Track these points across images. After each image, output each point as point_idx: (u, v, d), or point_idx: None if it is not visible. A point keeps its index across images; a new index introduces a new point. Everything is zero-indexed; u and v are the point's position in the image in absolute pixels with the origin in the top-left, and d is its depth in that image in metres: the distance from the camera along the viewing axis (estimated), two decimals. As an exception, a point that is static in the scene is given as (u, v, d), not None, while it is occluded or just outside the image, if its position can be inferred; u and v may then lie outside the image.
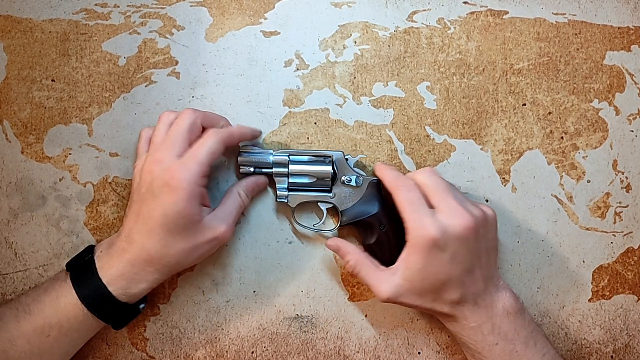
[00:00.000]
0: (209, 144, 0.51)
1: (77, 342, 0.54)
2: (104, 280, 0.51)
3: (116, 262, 0.52)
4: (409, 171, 0.61)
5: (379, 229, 0.57)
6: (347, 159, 0.58)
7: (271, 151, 0.58)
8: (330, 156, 0.58)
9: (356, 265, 0.55)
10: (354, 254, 0.56)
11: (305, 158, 0.57)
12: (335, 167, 0.58)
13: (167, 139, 0.52)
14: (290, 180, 0.57)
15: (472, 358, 0.56)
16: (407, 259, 0.52)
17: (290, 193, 0.58)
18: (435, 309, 0.53)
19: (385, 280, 0.53)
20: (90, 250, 0.55)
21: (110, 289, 0.51)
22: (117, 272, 0.51)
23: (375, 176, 0.59)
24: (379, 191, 0.58)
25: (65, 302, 0.52)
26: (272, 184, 0.60)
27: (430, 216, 0.51)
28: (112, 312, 0.53)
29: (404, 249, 0.53)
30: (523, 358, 0.53)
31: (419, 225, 0.51)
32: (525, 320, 0.55)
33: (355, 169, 0.58)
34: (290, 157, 0.57)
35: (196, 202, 0.50)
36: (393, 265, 0.54)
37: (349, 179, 0.58)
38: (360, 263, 0.55)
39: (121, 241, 0.52)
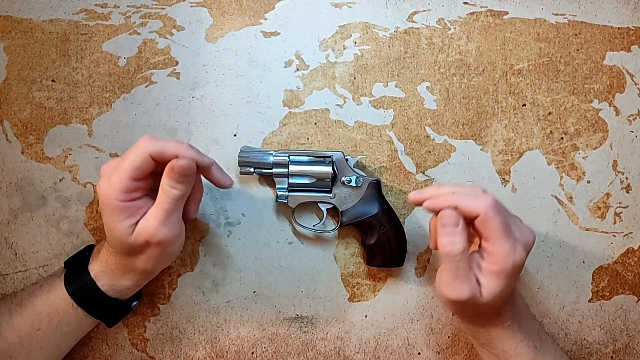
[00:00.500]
0: (131, 158, 0.48)
1: (68, 337, 0.54)
2: (92, 274, 0.52)
3: (99, 257, 0.53)
4: (409, 172, 0.61)
5: (379, 229, 0.57)
6: (347, 160, 0.58)
7: (271, 152, 0.58)
8: (330, 157, 0.58)
9: (463, 251, 0.48)
10: (465, 240, 0.48)
11: (305, 159, 0.57)
12: (335, 168, 0.58)
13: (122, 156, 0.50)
14: (290, 180, 0.57)
15: (495, 359, 0.54)
16: (490, 282, 0.48)
17: (290, 194, 0.58)
18: (487, 317, 0.52)
19: (473, 284, 0.48)
20: (89, 249, 0.56)
21: (98, 283, 0.52)
22: (99, 267, 0.52)
23: (376, 177, 0.59)
24: (379, 192, 0.58)
25: (55, 295, 0.52)
26: (272, 184, 0.60)
27: (517, 241, 0.48)
28: (101, 307, 0.53)
29: (485, 273, 0.48)
30: (542, 352, 0.53)
31: (512, 253, 0.47)
32: (532, 316, 0.55)
33: (355, 169, 0.58)
34: (290, 157, 0.57)
35: (121, 216, 0.49)
36: (473, 276, 0.49)
37: (349, 179, 0.58)
38: (466, 251, 0.48)
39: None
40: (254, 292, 0.61)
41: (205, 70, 0.61)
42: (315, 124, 0.61)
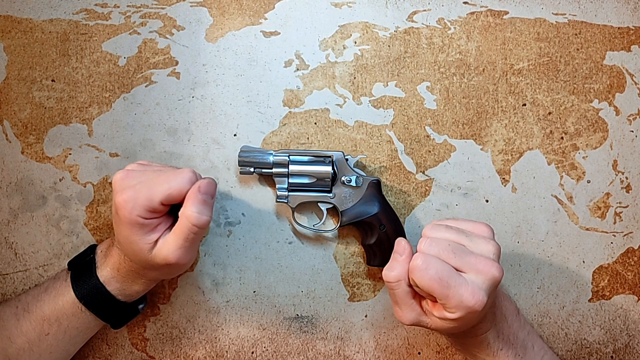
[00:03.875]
0: (172, 184, 0.47)
1: (77, 340, 0.54)
2: (101, 280, 0.52)
3: (109, 263, 0.52)
4: (409, 172, 0.61)
5: (379, 229, 0.57)
6: (347, 159, 0.58)
7: (271, 151, 0.58)
8: (330, 156, 0.58)
9: (399, 281, 0.48)
10: (403, 272, 0.48)
11: (305, 158, 0.57)
12: (335, 168, 0.58)
13: (153, 166, 0.50)
14: (290, 180, 0.57)
15: None
16: (445, 322, 0.47)
17: (290, 193, 0.58)
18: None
19: (416, 310, 0.48)
20: (92, 249, 0.55)
21: (108, 288, 0.52)
22: (109, 274, 0.52)
23: (376, 177, 0.59)
24: (379, 191, 0.58)
25: (63, 300, 0.52)
26: (272, 184, 0.60)
27: (464, 284, 0.45)
28: (111, 310, 0.53)
29: (440, 312, 0.46)
30: None
31: (460, 301, 0.44)
32: (521, 323, 0.54)
33: (355, 169, 0.58)
34: (290, 157, 0.57)
35: (141, 232, 0.48)
36: (426, 309, 0.48)
37: (349, 179, 0.57)
38: (404, 281, 0.48)
39: (114, 243, 0.53)
40: (254, 292, 0.61)
41: (205, 70, 0.61)
42: (315, 123, 0.61)
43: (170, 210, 0.50)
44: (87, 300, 0.52)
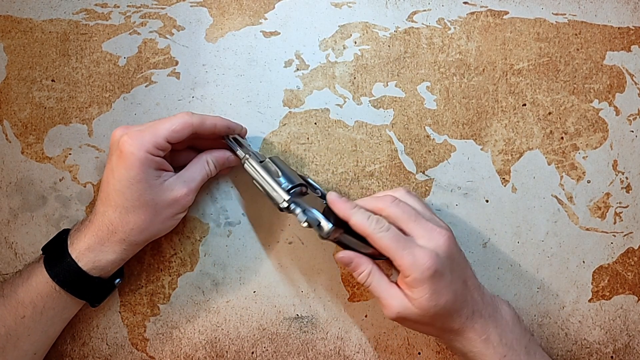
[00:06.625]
0: (173, 121, 0.51)
1: (55, 321, 0.54)
2: (72, 255, 0.51)
3: (83, 235, 0.52)
4: (409, 172, 0.61)
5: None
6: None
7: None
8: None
9: (369, 275, 0.52)
10: (367, 265, 0.52)
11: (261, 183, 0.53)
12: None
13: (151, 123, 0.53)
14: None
15: None
16: (413, 293, 0.49)
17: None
18: (446, 327, 0.51)
19: (397, 297, 0.50)
20: (65, 232, 0.55)
21: (80, 263, 0.51)
22: (84, 245, 0.51)
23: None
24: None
25: (36, 281, 0.51)
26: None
27: (417, 247, 0.49)
28: (85, 287, 0.53)
29: (404, 286, 0.50)
30: None
31: (413, 260, 0.48)
32: (522, 329, 0.54)
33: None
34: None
35: (149, 168, 0.50)
36: (403, 291, 0.51)
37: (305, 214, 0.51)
38: (373, 273, 0.52)
39: (90, 214, 0.53)
40: (254, 291, 0.61)
41: (205, 70, 0.61)
42: (315, 123, 0.61)
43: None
44: (60, 278, 0.51)
